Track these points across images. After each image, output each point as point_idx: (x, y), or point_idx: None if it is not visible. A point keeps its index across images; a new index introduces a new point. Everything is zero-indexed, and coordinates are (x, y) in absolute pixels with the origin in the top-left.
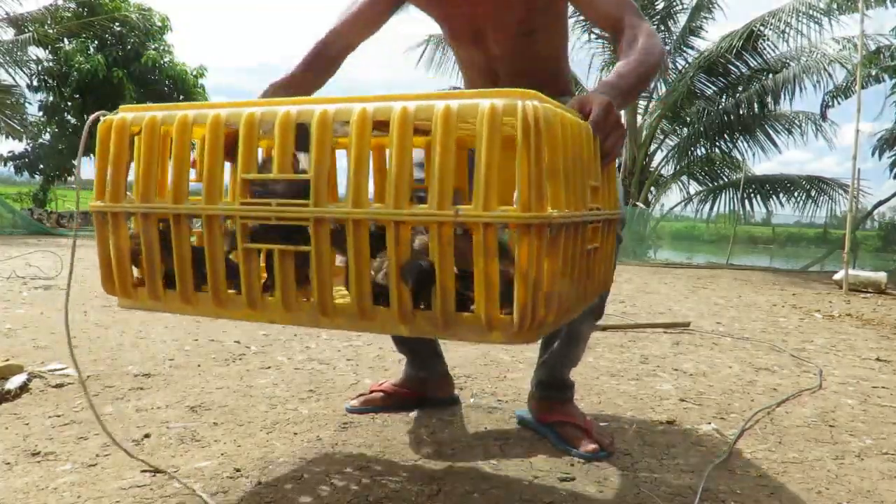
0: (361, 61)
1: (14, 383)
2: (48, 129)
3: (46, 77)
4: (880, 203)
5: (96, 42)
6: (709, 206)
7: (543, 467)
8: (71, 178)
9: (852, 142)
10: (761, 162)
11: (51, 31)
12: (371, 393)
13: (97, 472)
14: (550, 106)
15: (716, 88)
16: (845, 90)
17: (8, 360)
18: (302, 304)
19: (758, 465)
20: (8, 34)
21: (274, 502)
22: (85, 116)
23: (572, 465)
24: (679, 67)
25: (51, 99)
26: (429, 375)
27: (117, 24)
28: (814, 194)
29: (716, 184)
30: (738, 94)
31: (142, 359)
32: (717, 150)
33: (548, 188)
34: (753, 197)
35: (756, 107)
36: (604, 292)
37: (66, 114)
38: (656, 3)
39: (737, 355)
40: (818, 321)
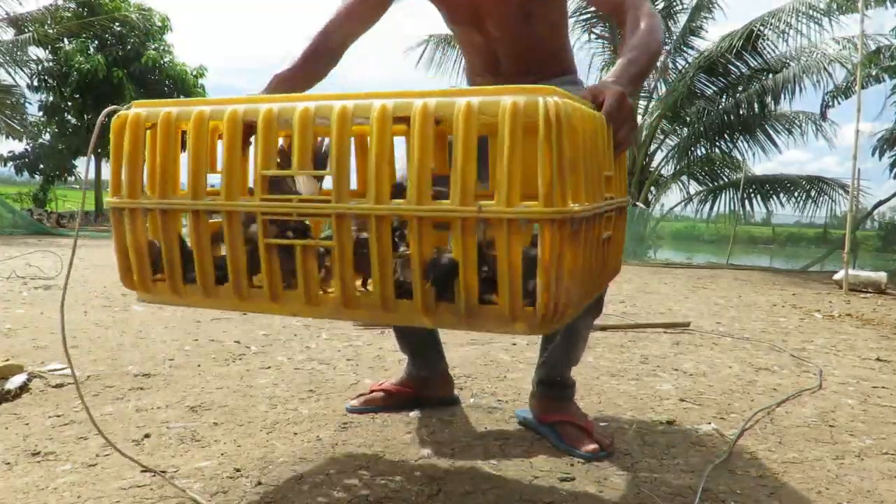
0: (361, 61)
1: (14, 383)
2: (48, 129)
3: (46, 77)
4: (880, 203)
5: (96, 42)
6: (709, 206)
7: (543, 467)
8: (71, 179)
9: (852, 142)
10: (761, 162)
11: (51, 31)
12: (371, 393)
13: (97, 472)
14: (570, 101)
15: (716, 88)
16: (845, 90)
17: (8, 360)
18: (324, 297)
19: (758, 465)
20: (8, 34)
21: (274, 502)
22: (85, 116)
23: (572, 465)
24: (679, 67)
25: (51, 99)
26: (430, 375)
27: (117, 24)
28: (814, 194)
29: (716, 184)
30: (738, 94)
31: (142, 359)
32: (717, 150)
33: (569, 183)
34: (753, 197)
35: (756, 107)
36: (603, 290)
37: (66, 114)
38: (656, 3)
39: (737, 355)
40: (818, 321)
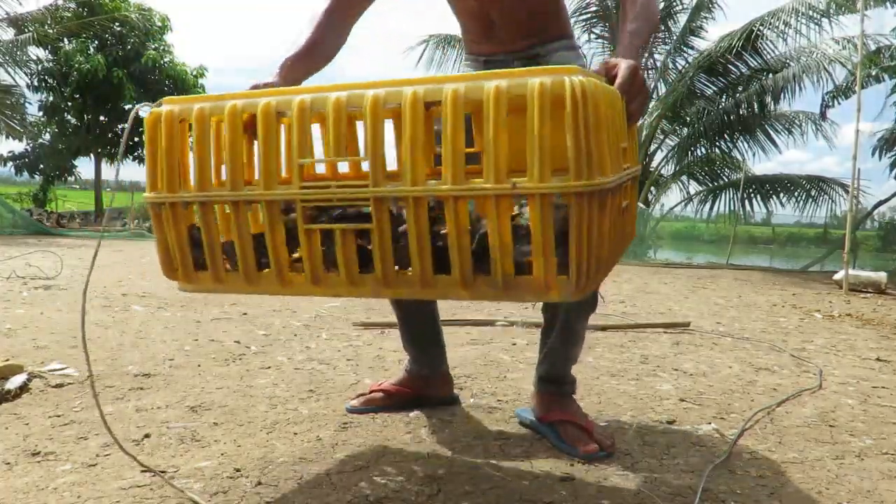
0: (361, 62)
1: (14, 383)
2: (48, 129)
3: (46, 77)
4: (880, 203)
5: (96, 42)
6: (709, 206)
7: (543, 467)
8: (71, 179)
9: (852, 142)
10: (761, 162)
11: (51, 31)
12: (371, 393)
13: (97, 472)
14: (592, 79)
15: (716, 88)
16: (845, 90)
17: (8, 360)
18: (365, 277)
19: (758, 465)
20: (8, 34)
21: (274, 502)
22: (85, 116)
23: (572, 465)
24: (679, 67)
25: (51, 99)
26: (431, 374)
27: (117, 24)
28: (814, 194)
29: (716, 184)
30: (738, 94)
31: (142, 359)
32: (717, 150)
33: (595, 157)
34: (753, 197)
35: (756, 107)
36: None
37: (66, 114)
38: (660, 7)
39: (737, 355)
40: (818, 321)
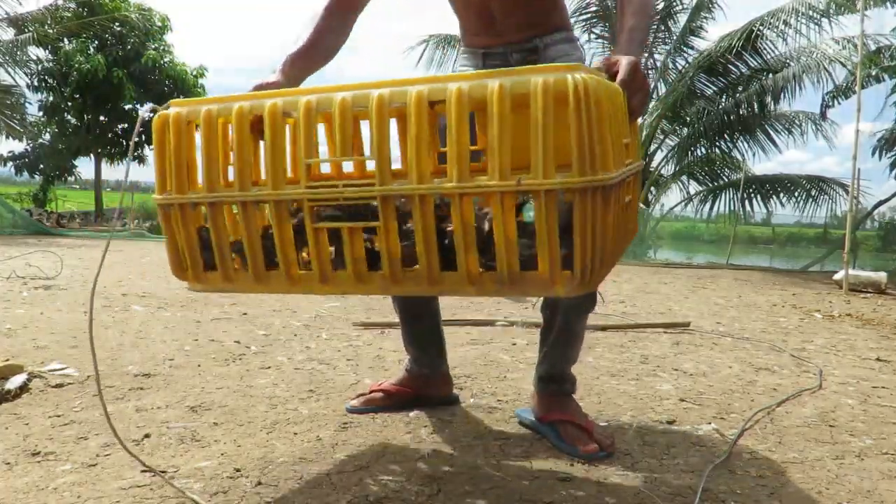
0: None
1: (14, 383)
2: (48, 129)
3: (46, 77)
4: (880, 203)
5: (96, 42)
6: (709, 206)
7: (543, 467)
8: (71, 179)
9: (852, 142)
10: (761, 162)
11: (51, 31)
12: (371, 393)
13: (97, 472)
14: (595, 76)
15: (716, 88)
16: (845, 90)
17: (8, 360)
18: (373, 274)
19: (758, 465)
20: (8, 34)
21: (274, 502)
22: (85, 116)
23: (572, 465)
24: (679, 67)
25: (51, 99)
26: (431, 373)
27: (117, 24)
28: (814, 194)
29: (716, 184)
30: (738, 94)
31: (142, 359)
32: (717, 150)
33: (598, 153)
34: (753, 197)
35: (756, 107)
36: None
37: (66, 114)
38: (656, 3)
39: (737, 355)
40: (818, 321)
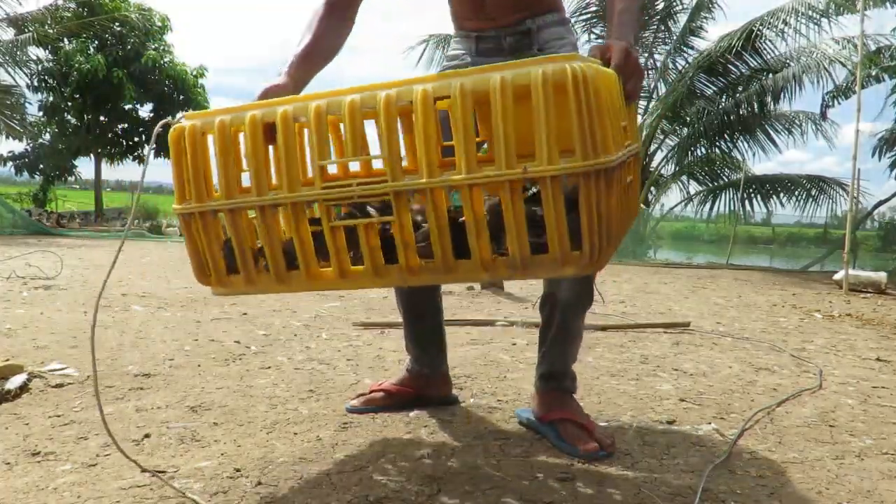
0: (361, 62)
1: (14, 383)
2: (48, 129)
3: (46, 77)
4: (880, 203)
5: (96, 42)
6: (709, 206)
7: (543, 467)
8: (71, 179)
9: (852, 142)
10: (761, 162)
11: (51, 31)
12: (371, 393)
13: (97, 472)
14: (591, 64)
15: (716, 88)
16: (845, 90)
17: (8, 360)
18: (389, 268)
19: (758, 465)
20: (8, 34)
21: (274, 502)
22: (85, 116)
23: (572, 465)
24: (679, 67)
25: (51, 99)
26: (431, 373)
27: (117, 24)
28: (814, 193)
29: (716, 184)
30: (737, 94)
31: (142, 359)
32: (717, 150)
33: (599, 138)
34: (753, 197)
35: (756, 107)
36: (591, 274)
37: (66, 114)
38: (656, 3)
39: (737, 355)
40: (818, 321)
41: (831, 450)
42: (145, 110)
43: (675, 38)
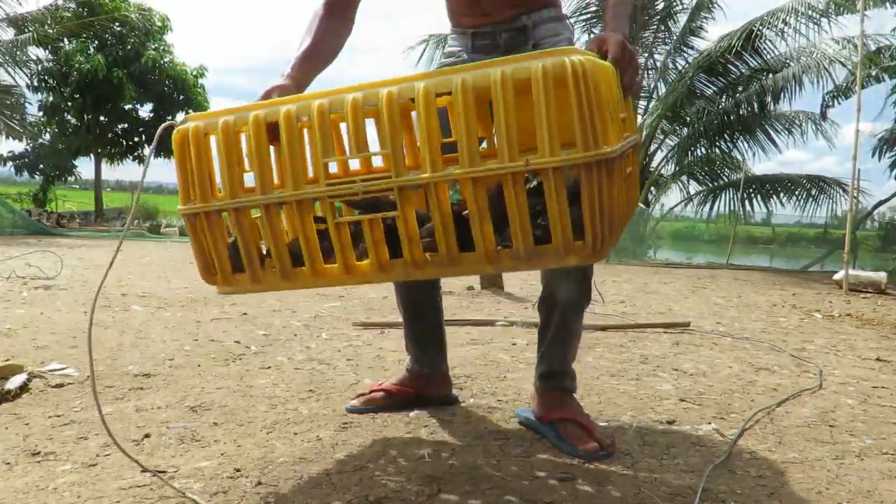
0: (361, 62)
1: (14, 383)
2: (48, 129)
3: (46, 77)
4: (880, 203)
5: (96, 42)
6: (709, 206)
7: (543, 467)
8: (71, 179)
9: (852, 142)
10: (761, 162)
11: (51, 31)
12: (371, 393)
13: (97, 472)
14: (589, 57)
15: (716, 88)
16: (845, 90)
17: (8, 360)
18: (394, 262)
19: (758, 465)
20: (8, 34)
21: (274, 502)
22: (85, 116)
23: (572, 465)
24: (679, 67)
25: (51, 99)
26: (431, 373)
27: (117, 24)
28: (814, 193)
29: (716, 184)
30: (737, 94)
31: (142, 359)
32: (717, 150)
33: (599, 129)
34: (753, 197)
35: (756, 107)
36: (589, 272)
37: (66, 114)
38: (656, 3)
39: (737, 355)
40: (818, 321)
41: (831, 450)
42: (145, 110)
43: (675, 38)
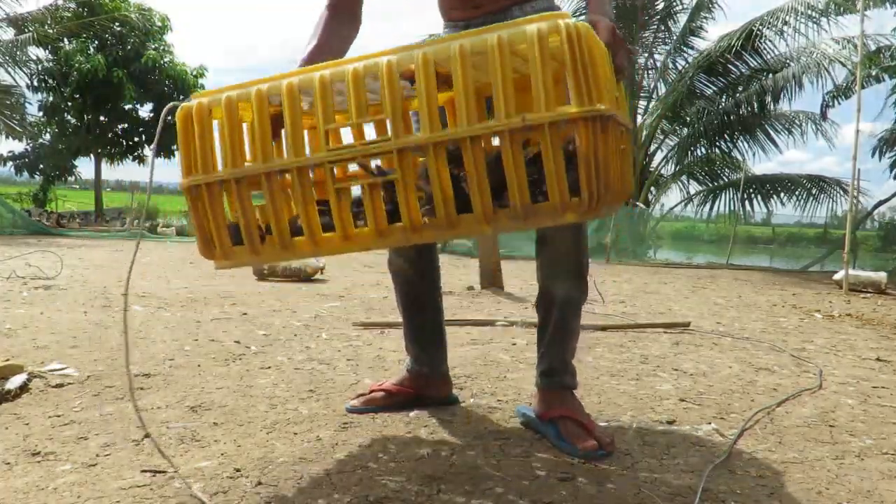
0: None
1: (14, 383)
2: (48, 129)
3: (46, 77)
4: (880, 203)
5: (96, 42)
6: (709, 207)
7: (543, 467)
8: (71, 179)
9: (852, 142)
10: (761, 162)
11: (51, 31)
12: (371, 393)
13: (97, 472)
14: (582, 23)
15: (716, 88)
16: (845, 90)
17: (8, 360)
18: (392, 227)
19: (758, 465)
20: (8, 34)
21: (274, 502)
22: (85, 116)
23: (572, 465)
24: (679, 67)
25: (51, 99)
26: (431, 373)
27: (117, 24)
28: (815, 193)
29: (716, 184)
30: (737, 94)
31: (142, 359)
32: (717, 150)
33: (593, 87)
34: (753, 197)
35: (756, 107)
36: (585, 269)
37: (66, 114)
38: (656, 3)
39: (737, 355)
40: (818, 321)
41: (831, 450)
42: (145, 110)
43: (675, 38)
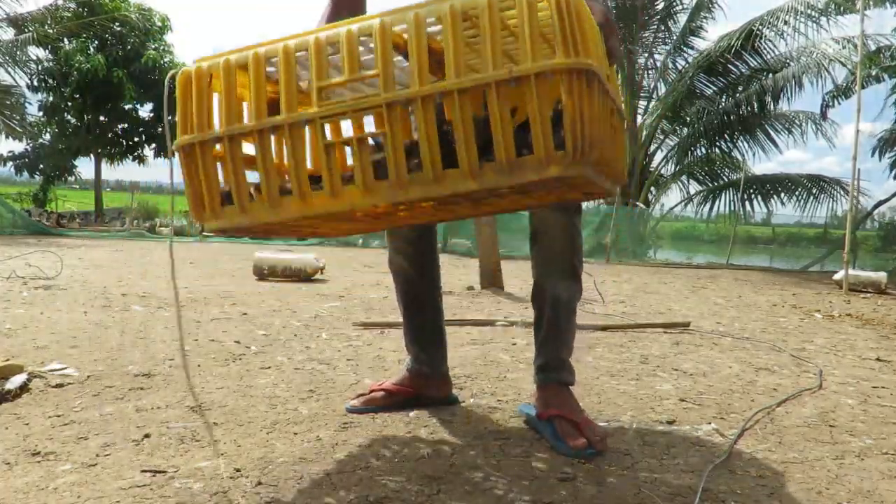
0: None
1: (14, 383)
2: (48, 129)
3: (46, 77)
4: (880, 203)
5: (96, 42)
6: (709, 206)
7: (543, 467)
8: (71, 179)
9: (852, 142)
10: (761, 162)
11: (51, 31)
12: (371, 393)
13: (97, 472)
14: None
15: (716, 88)
16: (845, 90)
17: (8, 360)
18: (379, 184)
19: (758, 465)
20: (8, 34)
21: (274, 502)
22: (85, 116)
23: (572, 465)
24: (679, 67)
25: (51, 99)
26: (431, 373)
27: (117, 24)
28: (815, 193)
29: (716, 184)
30: (737, 94)
31: (142, 359)
32: (717, 150)
33: (580, 41)
34: (753, 197)
35: (756, 107)
36: (579, 266)
37: (66, 114)
38: (656, 3)
39: (737, 355)
40: (818, 321)
41: (831, 450)
42: (145, 110)
43: (675, 38)
